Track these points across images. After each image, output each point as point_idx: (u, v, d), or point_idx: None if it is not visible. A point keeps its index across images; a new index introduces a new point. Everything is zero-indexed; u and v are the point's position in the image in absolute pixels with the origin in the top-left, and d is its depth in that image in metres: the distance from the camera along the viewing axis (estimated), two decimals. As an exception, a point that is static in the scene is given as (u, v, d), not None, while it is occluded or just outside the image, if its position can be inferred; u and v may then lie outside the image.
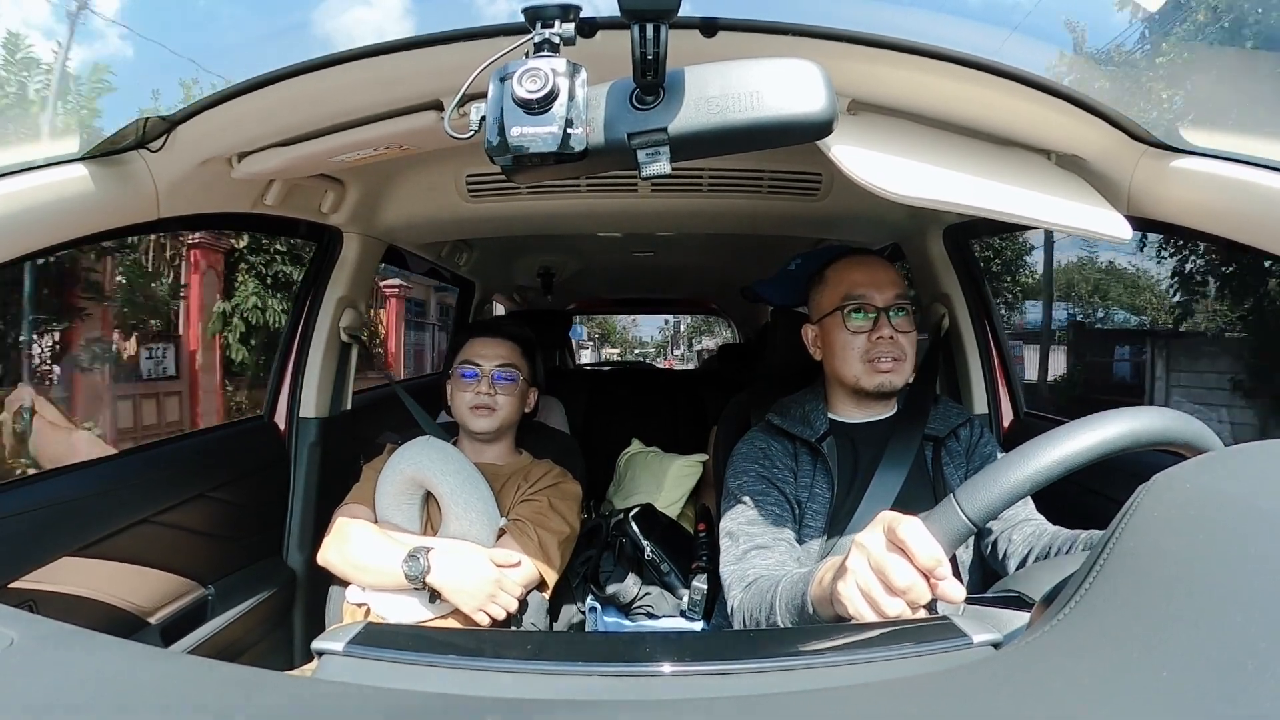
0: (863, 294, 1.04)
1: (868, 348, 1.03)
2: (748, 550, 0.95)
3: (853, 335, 1.04)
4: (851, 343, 1.04)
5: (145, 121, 0.90)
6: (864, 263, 1.09)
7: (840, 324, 1.05)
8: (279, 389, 1.49)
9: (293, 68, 0.83)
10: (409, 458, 1.15)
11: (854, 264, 1.09)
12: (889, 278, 1.06)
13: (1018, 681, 0.35)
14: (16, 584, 0.89)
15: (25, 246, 0.82)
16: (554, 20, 0.55)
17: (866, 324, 1.03)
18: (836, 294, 1.06)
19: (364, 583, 1.10)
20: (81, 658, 0.40)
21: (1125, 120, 0.84)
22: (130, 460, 1.20)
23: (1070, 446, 0.52)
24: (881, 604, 0.57)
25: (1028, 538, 0.92)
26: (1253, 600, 0.31)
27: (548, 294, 2.88)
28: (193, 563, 1.19)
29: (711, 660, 0.47)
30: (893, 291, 1.04)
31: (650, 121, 0.57)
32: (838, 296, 1.06)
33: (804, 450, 1.06)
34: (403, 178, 1.42)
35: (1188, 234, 0.87)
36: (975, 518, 0.53)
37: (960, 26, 0.91)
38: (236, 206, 1.14)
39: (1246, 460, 0.43)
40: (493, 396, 1.23)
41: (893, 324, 1.03)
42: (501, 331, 1.30)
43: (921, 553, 0.54)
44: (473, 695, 0.40)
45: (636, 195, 1.44)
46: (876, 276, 1.05)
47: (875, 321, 1.03)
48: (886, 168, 0.79)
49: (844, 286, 1.06)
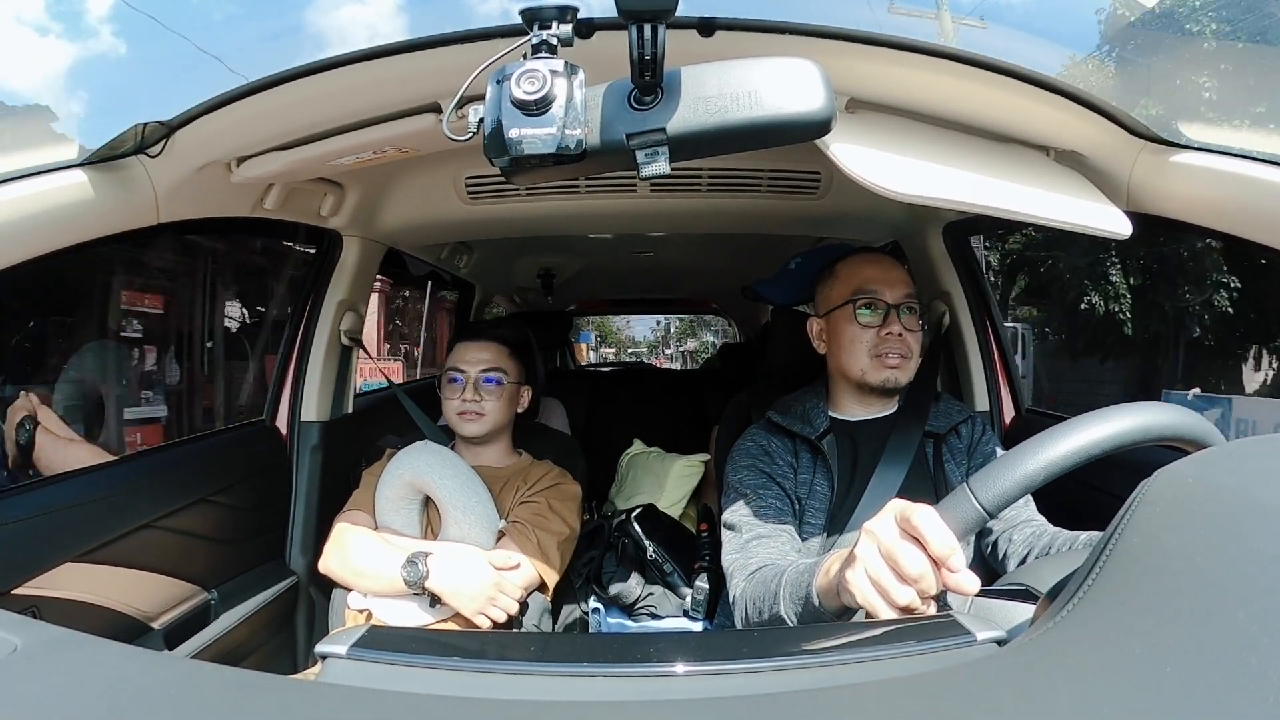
0: (874, 289, 1.05)
1: (876, 343, 1.04)
2: (750, 540, 0.95)
3: (862, 329, 1.04)
4: (860, 336, 1.04)
5: (144, 127, 0.90)
6: (876, 260, 1.10)
7: (850, 317, 1.05)
8: (280, 392, 1.49)
9: (291, 71, 0.83)
10: (407, 463, 1.15)
11: (866, 260, 1.10)
12: (900, 276, 1.07)
13: (1022, 679, 0.35)
14: (19, 590, 0.89)
15: (25, 253, 0.82)
16: (551, 21, 0.55)
17: (876, 319, 1.04)
18: (848, 288, 1.07)
19: (365, 589, 1.10)
20: (85, 663, 0.40)
21: (1124, 116, 0.84)
22: (132, 465, 1.20)
23: (1084, 438, 0.52)
24: (892, 592, 0.56)
25: (1028, 538, 0.92)
26: (1256, 596, 0.31)
27: (548, 295, 2.89)
28: (195, 567, 1.19)
29: (717, 660, 0.47)
30: (903, 290, 1.05)
31: (648, 122, 0.57)
32: (849, 290, 1.07)
33: (804, 448, 1.06)
34: (402, 180, 1.42)
35: (1188, 229, 0.87)
36: (989, 506, 0.53)
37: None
38: (236, 211, 1.14)
39: (1248, 455, 0.43)
40: (478, 401, 1.23)
41: (902, 321, 1.04)
42: (487, 334, 1.30)
43: (935, 540, 0.53)
44: (478, 698, 0.40)
45: (636, 195, 1.43)
46: (889, 274, 1.07)
47: (885, 317, 1.04)
48: (885, 166, 0.78)
49: (856, 281, 1.07)
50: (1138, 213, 0.88)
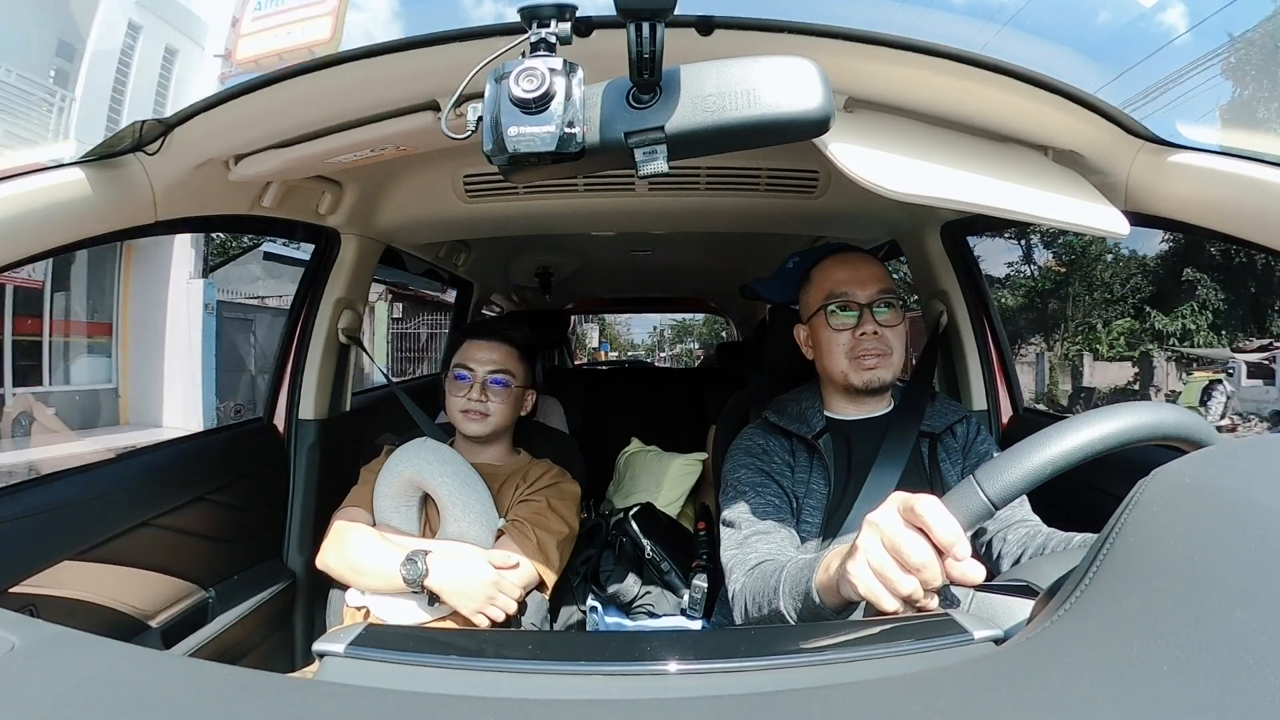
0: (845, 291, 1.05)
1: (853, 344, 1.04)
2: (749, 536, 0.95)
3: (836, 333, 1.05)
4: (836, 340, 1.05)
5: (142, 125, 0.89)
6: (846, 260, 1.09)
7: (824, 323, 1.06)
8: (278, 391, 1.49)
9: (289, 69, 0.83)
10: (406, 460, 1.14)
11: (836, 262, 1.10)
12: (871, 273, 1.06)
13: (1020, 677, 0.35)
14: (17, 588, 0.89)
15: (23, 251, 0.82)
16: (550, 20, 0.55)
17: (850, 321, 1.04)
18: (820, 293, 1.07)
19: (363, 586, 1.10)
20: (83, 661, 0.40)
21: (1122, 115, 0.84)
22: (130, 463, 1.20)
23: (1090, 433, 0.52)
24: (895, 581, 0.55)
25: (1022, 538, 0.92)
26: (1252, 594, 0.31)
27: (546, 294, 2.89)
28: (193, 565, 1.19)
29: (714, 658, 0.47)
30: (875, 287, 1.05)
31: (647, 120, 0.57)
32: (821, 295, 1.07)
33: (801, 447, 1.07)
34: (400, 178, 1.42)
35: (1186, 229, 0.87)
36: (995, 498, 0.53)
37: (957, 23, 0.91)
38: (234, 209, 1.14)
39: (1245, 455, 0.43)
40: (484, 402, 1.23)
41: (877, 319, 1.03)
42: (498, 335, 1.29)
43: (940, 528, 0.53)
44: (475, 696, 0.40)
45: (634, 194, 1.43)
46: (859, 273, 1.06)
47: (859, 318, 1.04)
48: (884, 165, 0.78)
49: (827, 285, 1.07)
50: (1136, 212, 0.89)
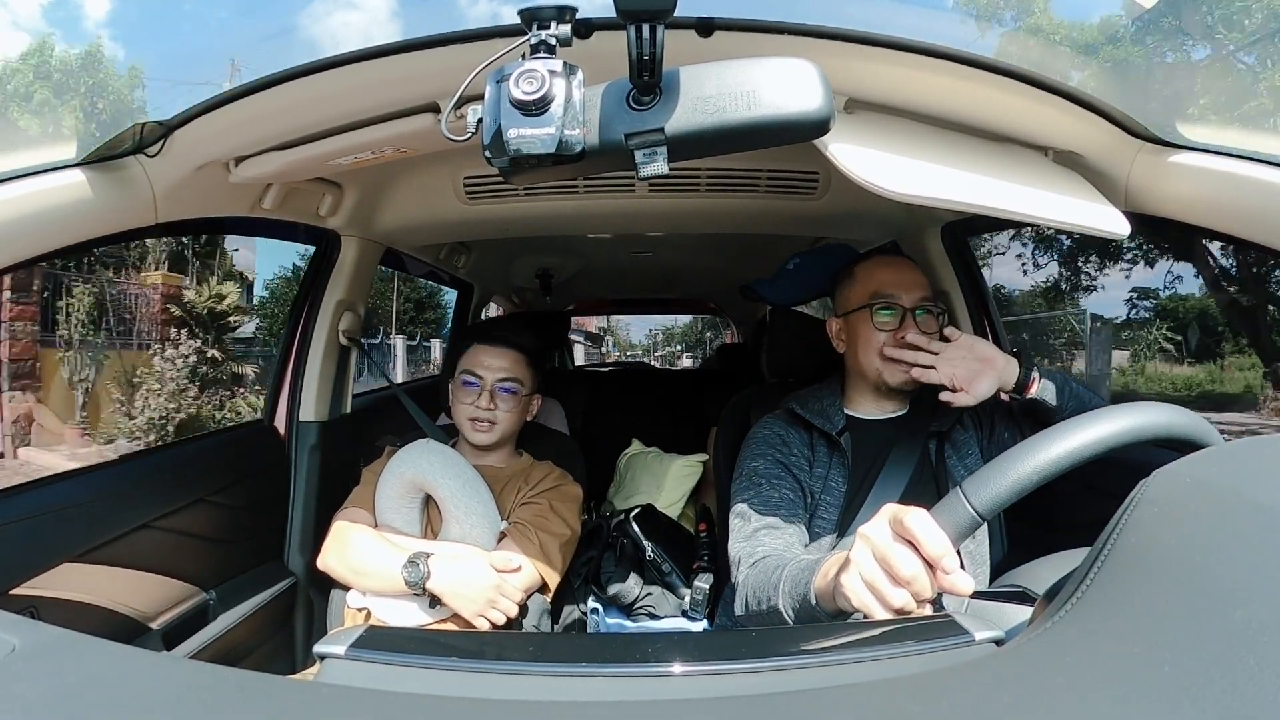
0: (890, 293, 1.07)
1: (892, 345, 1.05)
2: (758, 529, 0.96)
3: (878, 332, 1.06)
4: (876, 338, 1.06)
5: (142, 126, 0.90)
6: (893, 263, 1.12)
7: (867, 320, 1.07)
8: (278, 393, 1.49)
9: (289, 71, 0.83)
10: (408, 461, 1.14)
11: (883, 263, 1.12)
12: (916, 279, 1.08)
13: (1021, 678, 0.35)
14: (18, 590, 0.89)
15: (24, 252, 0.82)
16: (550, 21, 0.55)
17: (892, 321, 1.06)
18: (865, 291, 1.09)
19: (364, 588, 1.09)
20: (83, 664, 0.40)
21: (1122, 116, 0.84)
22: (131, 465, 1.20)
23: (1077, 440, 0.52)
24: (886, 594, 0.56)
25: None
26: (1253, 595, 0.31)
27: (547, 295, 2.89)
28: (194, 567, 1.19)
29: (715, 660, 0.47)
30: (919, 293, 1.07)
31: (647, 122, 0.57)
32: (866, 294, 1.08)
33: (821, 442, 1.08)
34: (400, 180, 1.42)
35: (1186, 229, 0.87)
36: (982, 510, 0.53)
37: (957, 23, 0.91)
38: (234, 210, 1.14)
39: (1245, 455, 0.43)
40: (493, 410, 1.22)
41: (918, 324, 1.05)
42: (507, 341, 1.26)
43: (929, 542, 0.54)
44: (476, 698, 0.39)
45: (634, 195, 1.43)
46: (904, 277, 1.08)
47: (901, 321, 1.05)
48: (884, 166, 0.79)
49: (873, 284, 1.08)
50: (1136, 213, 0.89)
